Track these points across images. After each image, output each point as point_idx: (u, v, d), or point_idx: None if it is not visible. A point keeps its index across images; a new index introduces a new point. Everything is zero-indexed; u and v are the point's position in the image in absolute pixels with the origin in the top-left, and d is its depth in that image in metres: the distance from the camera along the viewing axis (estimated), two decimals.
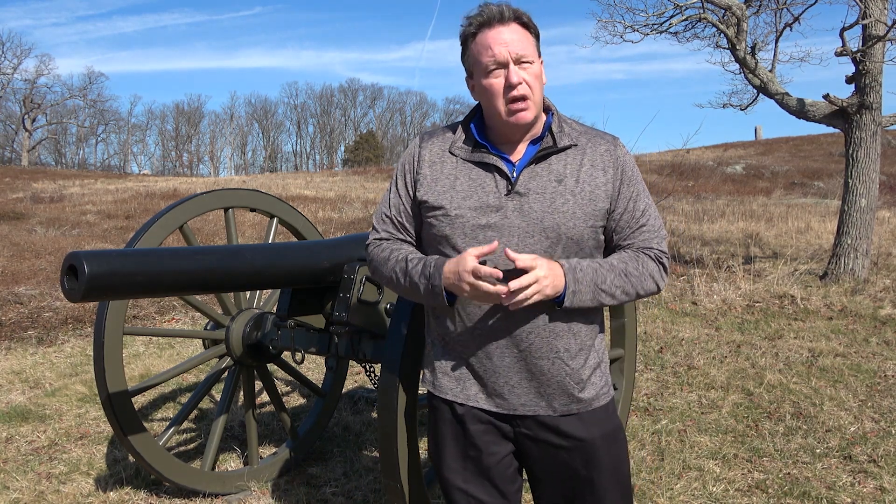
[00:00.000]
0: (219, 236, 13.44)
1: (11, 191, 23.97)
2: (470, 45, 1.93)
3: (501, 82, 1.89)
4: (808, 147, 34.72)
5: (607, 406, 2.06)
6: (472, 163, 1.98)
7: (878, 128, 8.95)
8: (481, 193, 1.94)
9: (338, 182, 28.65)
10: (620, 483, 2.07)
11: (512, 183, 1.93)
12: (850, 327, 7.03)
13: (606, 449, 2.02)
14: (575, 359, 1.98)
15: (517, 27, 1.90)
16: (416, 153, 2.05)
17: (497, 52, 1.87)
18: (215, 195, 3.72)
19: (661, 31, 10.09)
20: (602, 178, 1.96)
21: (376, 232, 2.11)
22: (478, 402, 2.02)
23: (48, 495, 3.68)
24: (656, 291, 2.02)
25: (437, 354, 2.08)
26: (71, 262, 2.36)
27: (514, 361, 1.96)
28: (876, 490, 3.64)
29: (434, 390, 2.10)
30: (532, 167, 1.95)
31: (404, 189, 2.05)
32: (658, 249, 2.00)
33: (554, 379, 1.97)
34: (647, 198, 2.02)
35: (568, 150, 1.97)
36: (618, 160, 1.99)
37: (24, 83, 65.49)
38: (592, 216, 1.94)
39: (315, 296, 3.30)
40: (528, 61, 1.89)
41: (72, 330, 7.39)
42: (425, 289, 1.93)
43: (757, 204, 18.30)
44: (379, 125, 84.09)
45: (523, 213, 1.91)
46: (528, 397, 1.99)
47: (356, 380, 5.59)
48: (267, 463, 3.92)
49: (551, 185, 1.93)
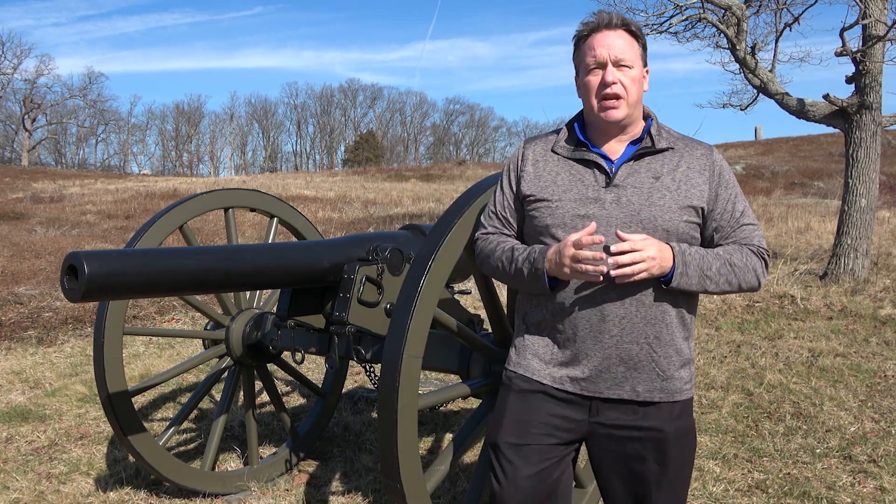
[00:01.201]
0: (219, 236, 13.44)
1: (11, 191, 23.97)
2: (580, 45, 2.11)
3: (598, 80, 2.05)
4: (808, 147, 34.70)
5: (686, 403, 2.14)
6: (574, 160, 2.13)
7: (878, 128, 8.94)
8: (581, 186, 2.08)
9: (338, 182, 28.66)
10: (684, 482, 2.14)
11: (610, 177, 2.06)
12: (850, 327, 7.03)
13: (677, 444, 2.10)
14: (664, 348, 2.07)
15: (624, 34, 2.06)
16: (521, 154, 2.22)
17: (599, 53, 2.04)
18: (215, 195, 3.73)
19: (661, 31, 10.07)
20: (698, 179, 2.08)
21: (483, 227, 2.28)
22: (563, 384, 2.11)
23: (48, 495, 3.68)
24: (757, 287, 2.11)
25: (529, 339, 2.18)
26: (71, 262, 2.36)
27: (605, 346, 2.06)
28: (876, 490, 3.64)
29: (518, 369, 2.19)
30: (630, 164, 2.08)
31: (508, 187, 2.22)
32: (759, 246, 2.10)
33: (641, 364, 2.06)
34: (744, 200, 2.14)
35: (665, 153, 2.11)
36: (714, 164, 2.11)
37: (24, 83, 65.60)
38: (687, 212, 2.05)
39: (315, 296, 3.30)
40: (628, 65, 2.04)
41: (72, 330, 7.39)
42: (529, 273, 2.06)
43: (757, 204, 18.29)
44: (379, 125, 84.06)
45: (621, 204, 2.04)
46: (615, 381, 2.07)
47: (356, 380, 5.59)
48: (267, 463, 3.92)
49: (648, 181, 2.06)
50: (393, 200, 20.80)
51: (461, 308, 3.39)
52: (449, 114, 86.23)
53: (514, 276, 2.12)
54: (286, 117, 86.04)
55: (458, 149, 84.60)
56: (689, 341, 2.14)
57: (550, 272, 2.01)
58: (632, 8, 10.32)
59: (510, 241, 2.18)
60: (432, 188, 25.32)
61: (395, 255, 3.15)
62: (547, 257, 2.01)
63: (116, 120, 77.45)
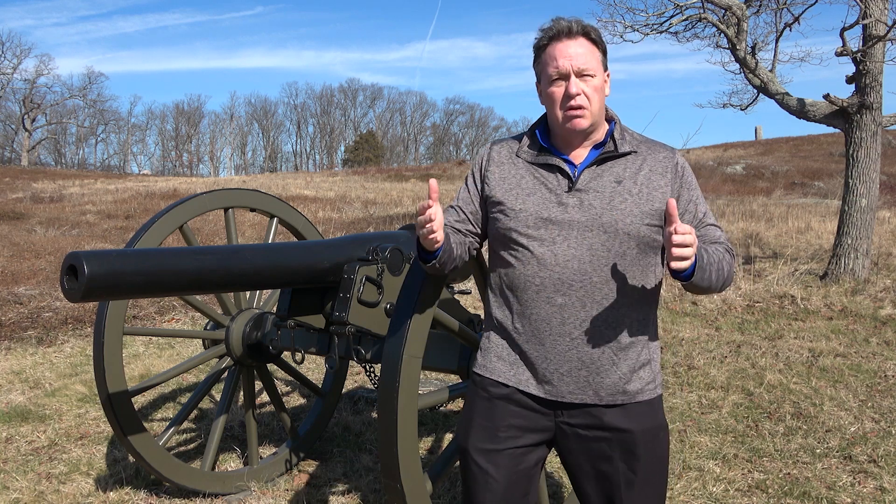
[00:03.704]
0: (219, 236, 13.44)
1: (11, 191, 23.97)
2: (541, 54, 2.10)
3: (562, 91, 2.05)
4: (808, 147, 34.67)
5: (652, 402, 2.13)
6: (537, 165, 2.13)
7: (879, 128, 8.94)
8: (544, 191, 2.09)
9: (338, 182, 28.65)
10: (656, 481, 2.13)
11: (573, 181, 2.07)
12: (850, 327, 7.03)
13: (646, 444, 2.09)
14: (625, 350, 2.08)
15: (584, 42, 2.05)
16: (487, 155, 2.23)
17: (561, 64, 2.03)
18: (215, 195, 3.72)
19: (661, 31, 10.07)
20: (660, 182, 2.08)
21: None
22: (528, 387, 2.12)
23: (48, 495, 3.68)
24: (730, 283, 2.11)
25: (493, 340, 2.20)
26: (71, 262, 2.36)
27: (566, 349, 2.07)
28: (876, 490, 3.64)
29: (483, 371, 2.20)
30: (593, 168, 2.09)
31: (473, 185, 2.24)
32: (727, 244, 2.11)
33: (602, 368, 2.07)
34: (705, 203, 2.16)
35: (628, 156, 2.11)
36: (676, 166, 2.12)
37: (24, 83, 65.58)
38: (649, 215, 2.05)
39: (315, 296, 3.30)
40: (590, 74, 2.04)
41: (72, 330, 7.39)
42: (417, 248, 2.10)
43: (757, 204, 18.28)
44: (379, 125, 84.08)
45: (583, 208, 2.05)
46: (577, 385, 2.08)
47: (356, 380, 5.59)
48: (267, 463, 3.92)
49: (610, 185, 2.06)
50: (393, 200, 20.79)
51: (461, 308, 3.39)
52: (449, 114, 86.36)
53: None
54: (286, 117, 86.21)
55: (458, 149, 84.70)
56: (652, 341, 2.15)
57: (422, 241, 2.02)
58: (632, 8, 10.29)
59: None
60: None
61: (395, 255, 3.15)
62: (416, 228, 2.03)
63: (116, 120, 77.59)
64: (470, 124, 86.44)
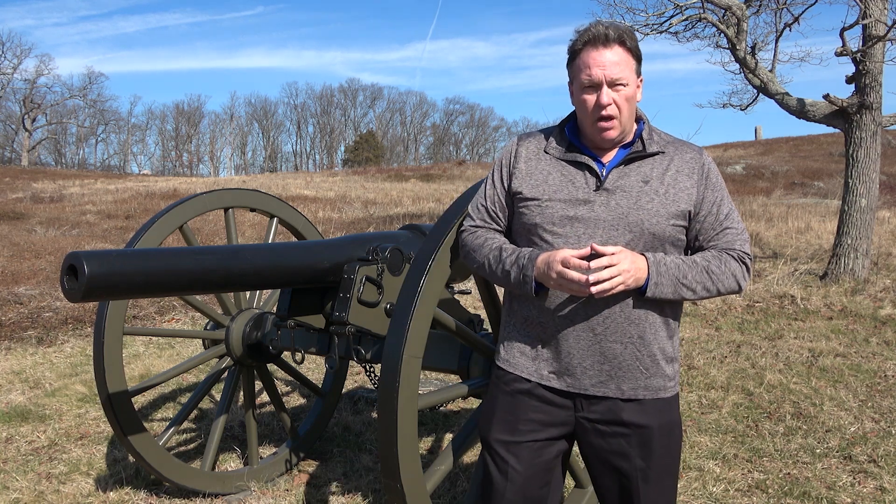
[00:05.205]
0: (219, 236, 13.44)
1: (11, 191, 23.96)
2: (575, 59, 2.10)
3: (594, 100, 2.06)
4: (808, 147, 34.68)
5: (670, 399, 2.17)
6: (565, 161, 2.15)
7: (879, 128, 8.94)
8: (571, 188, 2.11)
9: (338, 182, 28.64)
10: (671, 476, 2.18)
11: (601, 180, 2.09)
12: (850, 327, 7.03)
13: (661, 439, 2.13)
14: (647, 346, 2.10)
15: (620, 50, 2.05)
16: (514, 150, 2.23)
17: (594, 73, 2.04)
18: (215, 195, 3.72)
19: (662, 31, 10.07)
20: (687, 183, 2.10)
21: (471, 220, 2.29)
22: (549, 381, 2.15)
23: (48, 495, 3.68)
24: (738, 290, 2.14)
25: (515, 334, 2.22)
26: (71, 262, 2.36)
27: (589, 344, 2.09)
28: (876, 490, 3.64)
29: (506, 366, 2.23)
30: (621, 168, 2.11)
31: (500, 182, 2.23)
32: (741, 250, 2.12)
33: (625, 362, 2.10)
34: (730, 203, 2.17)
35: (656, 157, 2.13)
36: (703, 167, 2.14)
37: (24, 83, 65.56)
38: (675, 216, 2.08)
39: (315, 296, 3.30)
40: (623, 84, 2.05)
41: (72, 330, 7.39)
42: (515, 277, 2.09)
43: (757, 204, 18.28)
44: (379, 125, 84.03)
45: (610, 207, 2.07)
46: (599, 378, 2.11)
47: (356, 380, 5.59)
48: (267, 463, 3.92)
49: (638, 185, 2.09)
50: (393, 200, 20.79)
51: (461, 308, 3.39)
52: (449, 114, 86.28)
53: (500, 276, 2.15)
54: (286, 117, 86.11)
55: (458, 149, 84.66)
56: (674, 339, 2.18)
57: (538, 278, 2.05)
58: (632, 8, 10.31)
59: (498, 239, 2.20)
60: (432, 188, 25.30)
61: (395, 255, 3.16)
62: (536, 265, 2.04)
63: (116, 120, 77.51)
64: (470, 124, 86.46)
